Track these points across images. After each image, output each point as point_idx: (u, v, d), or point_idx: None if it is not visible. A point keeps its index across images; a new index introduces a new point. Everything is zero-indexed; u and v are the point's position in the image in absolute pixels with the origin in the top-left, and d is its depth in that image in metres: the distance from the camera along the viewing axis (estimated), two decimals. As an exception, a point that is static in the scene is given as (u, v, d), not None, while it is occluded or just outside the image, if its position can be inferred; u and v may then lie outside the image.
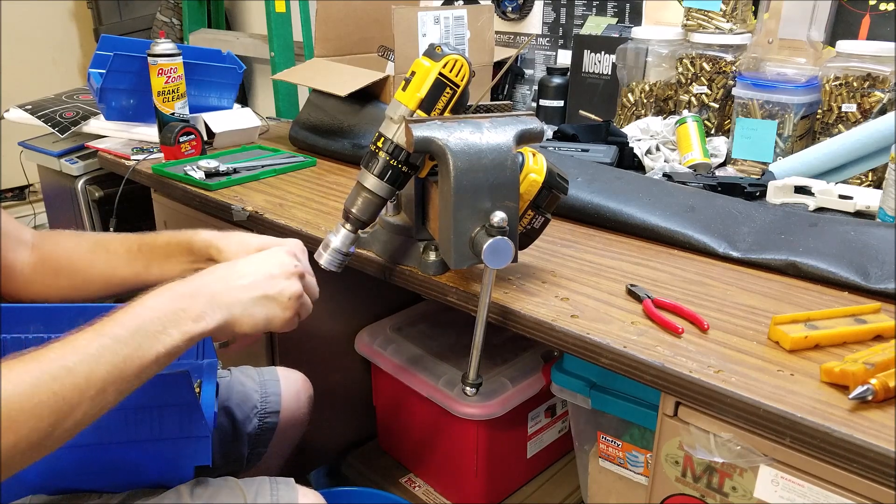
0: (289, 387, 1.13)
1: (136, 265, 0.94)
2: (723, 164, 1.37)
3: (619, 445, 1.10)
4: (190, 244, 0.92)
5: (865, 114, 1.23)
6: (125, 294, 0.84)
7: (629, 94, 1.52)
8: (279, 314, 0.76)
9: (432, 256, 0.92)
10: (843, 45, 1.24)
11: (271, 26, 2.21)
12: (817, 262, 0.89)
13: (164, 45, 1.43)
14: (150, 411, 0.81)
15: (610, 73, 1.63)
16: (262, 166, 1.41)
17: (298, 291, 0.78)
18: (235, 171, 1.37)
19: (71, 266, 0.94)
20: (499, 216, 0.77)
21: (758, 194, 1.16)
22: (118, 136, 1.62)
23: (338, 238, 0.91)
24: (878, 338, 0.75)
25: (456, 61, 0.83)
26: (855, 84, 1.22)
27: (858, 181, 1.22)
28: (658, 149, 1.38)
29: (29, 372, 0.59)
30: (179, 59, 1.45)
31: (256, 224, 1.19)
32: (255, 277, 0.76)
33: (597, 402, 1.06)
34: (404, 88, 0.85)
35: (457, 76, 0.84)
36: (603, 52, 1.64)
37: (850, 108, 1.24)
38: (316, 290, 0.84)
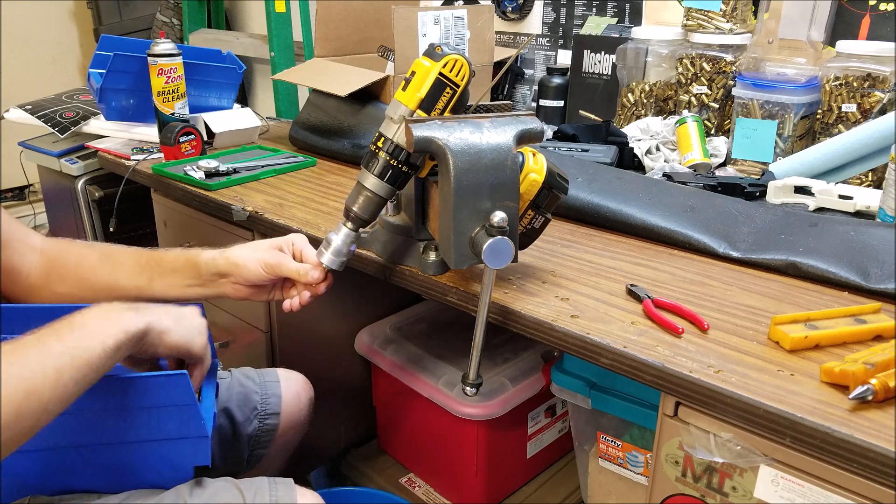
0: (289, 388, 1.13)
1: (140, 279, 0.95)
2: (723, 164, 1.37)
3: (619, 445, 1.10)
4: (196, 259, 0.94)
5: (865, 114, 1.23)
6: None
7: (629, 94, 1.52)
8: (198, 339, 0.83)
9: (432, 256, 0.92)
10: (843, 45, 1.24)
11: (271, 26, 2.21)
12: (817, 262, 0.89)
13: (164, 45, 1.43)
14: (149, 412, 0.81)
15: (610, 73, 1.63)
16: (262, 166, 1.41)
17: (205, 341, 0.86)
18: (235, 171, 1.37)
19: (78, 274, 0.95)
20: (499, 216, 0.77)
21: (758, 194, 1.16)
22: (118, 136, 1.62)
23: (339, 237, 0.91)
24: (878, 338, 0.75)
25: (456, 61, 0.83)
26: (855, 84, 1.22)
27: (858, 181, 1.22)
28: (658, 149, 1.38)
29: None
30: (179, 59, 1.45)
31: (256, 224, 1.19)
32: (178, 309, 0.84)
33: (597, 402, 1.06)
34: (404, 88, 0.85)
35: (457, 76, 0.84)
36: (603, 52, 1.64)
37: (850, 108, 1.24)
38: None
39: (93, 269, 0.96)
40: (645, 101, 1.50)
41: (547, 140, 1.44)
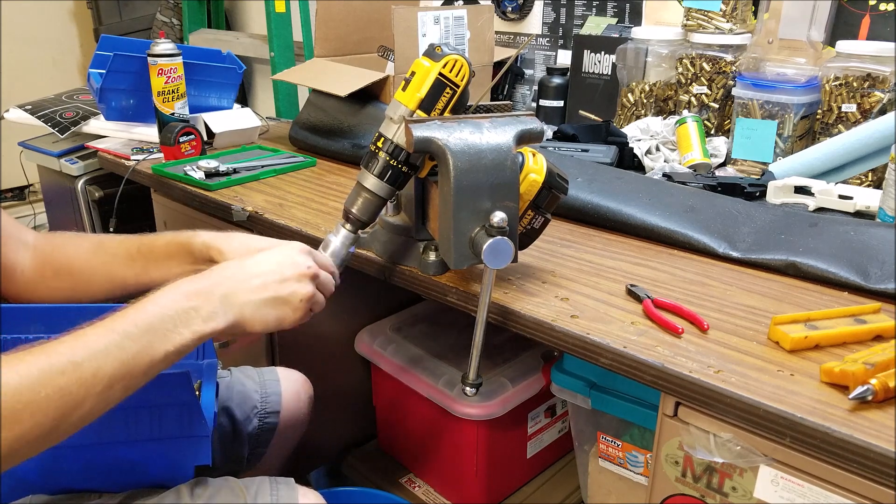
0: (289, 387, 1.13)
1: (135, 267, 0.94)
2: (723, 164, 1.37)
3: (619, 445, 1.10)
4: (189, 245, 0.92)
5: (865, 114, 1.23)
6: (127, 296, 0.84)
7: (629, 94, 1.52)
8: (290, 315, 0.76)
9: (432, 256, 0.92)
10: (843, 45, 1.24)
11: (271, 26, 2.21)
12: (817, 262, 0.89)
13: (164, 45, 1.43)
14: (150, 411, 0.81)
15: (610, 73, 1.63)
16: (262, 166, 1.41)
17: (309, 293, 0.78)
18: (235, 171, 1.37)
19: (71, 267, 0.95)
20: (499, 216, 0.77)
21: (758, 194, 1.16)
22: (118, 136, 1.62)
23: (338, 238, 0.91)
24: (878, 338, 0.75)
25: (456, 61, 0.83)
26: (855, 84, 1.22)
27: (858, 181, 1.22)
28: (658, 149, 1.38)
29: (36, 365, 0.60)
30: (179, 59, 1.45)
31: (256, 224, 1.19)
32: (267, 279, 0.75)
33: (597, 402, 1.06)
34: (404, 88, 0.85)
35: (457, 76, 0.84)
36: (603, 52, 1.64)
37: (850, 108, 1.24)
38: (331, 287, 0.84)
39: (86, 261, 0.95)
40: (645, 101, 1.50)
41: (547, 140, 1.44)
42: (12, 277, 0.93)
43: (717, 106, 1.43)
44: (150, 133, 1.56)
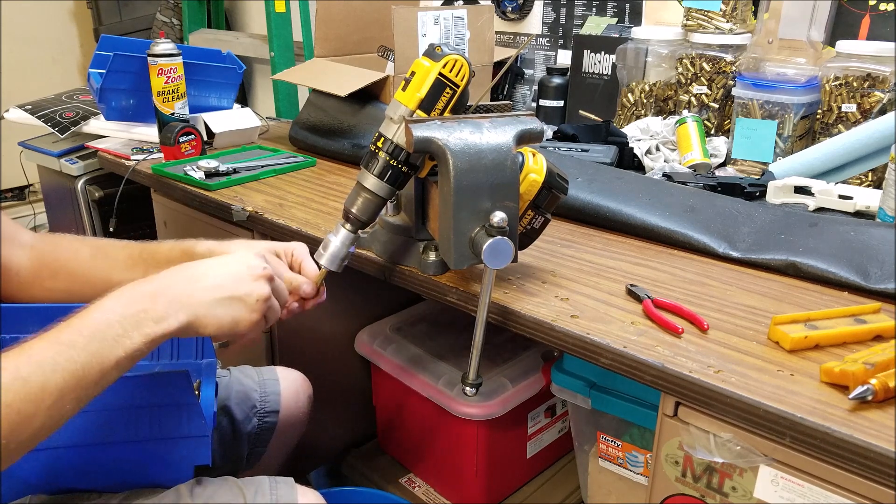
0: (288, 386, 1.13)
1: (135, 272, 0.93)
2: (723, 164, 1.37)
3: (619, 445, 1.10)
4: (192, 251, 0.92)
5: (865, 114, 1.23)
6: None
7: (629, 94, 1.52)
8: (246, 316, 0.74)
9: (432, 256, 0.92)
10: (843, 45, 1.24)
11: (271, 26, 2.21)
12: (817, 262, 0.89)
13: (163, 45, 1.43)
14: (149, 411, 0.81)
15: (610, 73, 1.63)
16: (262, 166, 1.41)
17: (266, 294, 0.76)
18: (235, 171, 1.37)
19: (69, 269, 0.94)
20: (499, 216, 0.77)
21: (758, 194, 1.16)
22: (118, 136, 1.62)
23: (338, 238, 0.91)
24: (878, 338, 0.75)
25: (456, 61, 0.83)
26: (855, 84, 1.22)
27: (858, 181, 1.22)
28: (658, 149, 1.38)
29: None
30: (179, 59, 1.45)
31: (256, 224, 1.19)
32: (222, 279, 0.74)
33: (597, 402, 1.06)
34: (404, 88, 0.85)
35: (457, 76, 0.84)
36: (603, 52, 1.64)
37: (850, 108, 1.24)
38: (285, 294, 0.82)
39: (85, 264, 0.94)
40: (645, 101, 1.50)
41: (547, 140, 1.44)
42: (8, 277, 0.92)
43: (717, 106, 1.43)
44: (150, 133, 1.56)
